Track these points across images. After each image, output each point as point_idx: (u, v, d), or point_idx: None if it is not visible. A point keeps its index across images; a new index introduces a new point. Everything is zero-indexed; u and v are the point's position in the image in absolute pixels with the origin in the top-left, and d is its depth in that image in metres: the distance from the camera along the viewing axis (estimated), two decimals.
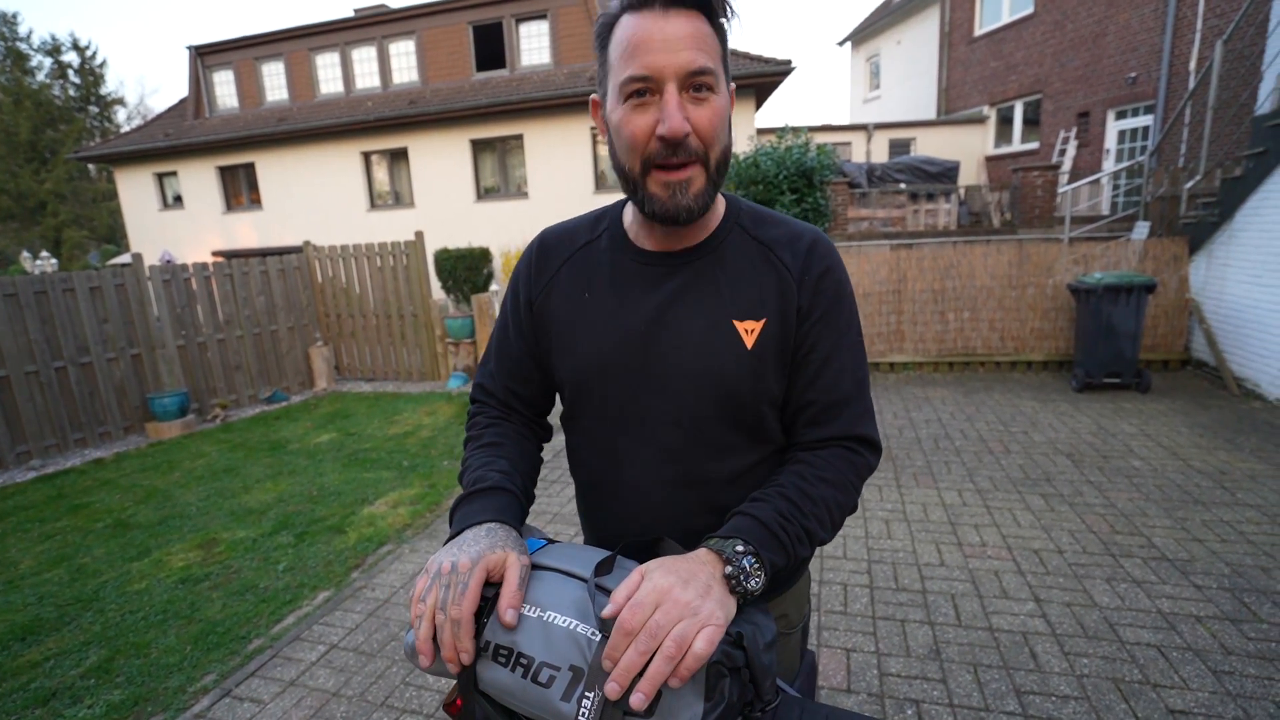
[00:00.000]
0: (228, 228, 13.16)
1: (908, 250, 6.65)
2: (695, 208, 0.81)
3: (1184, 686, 2.08)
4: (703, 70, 0.76)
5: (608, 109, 0.83)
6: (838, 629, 2.51)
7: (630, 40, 0.76)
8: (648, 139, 0.78)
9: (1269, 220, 5.05)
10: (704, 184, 0.81)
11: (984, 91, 13.78)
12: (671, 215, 0.81)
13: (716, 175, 0.82)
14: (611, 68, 0.80)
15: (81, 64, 30.15)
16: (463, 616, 0.69)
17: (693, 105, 0.77)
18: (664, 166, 0.79)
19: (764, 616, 0.73)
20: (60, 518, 4.11)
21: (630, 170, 0.81)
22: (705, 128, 0.78)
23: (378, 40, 12.31)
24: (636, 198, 0.84)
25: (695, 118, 0.77)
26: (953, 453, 4.28)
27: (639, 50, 0.75)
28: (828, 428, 0.88)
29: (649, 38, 0.75)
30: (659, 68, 0.75)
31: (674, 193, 0.80)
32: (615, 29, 0.79)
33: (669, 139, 0.76)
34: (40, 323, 5.30)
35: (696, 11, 0.77)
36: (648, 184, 0.81)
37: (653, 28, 0.75)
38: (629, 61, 0.76)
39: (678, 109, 0.75)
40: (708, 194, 0.82)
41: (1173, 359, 5.98)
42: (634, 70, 0.76)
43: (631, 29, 0.77)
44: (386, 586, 3.02)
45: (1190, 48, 9.34)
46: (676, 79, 0.76)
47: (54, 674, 2.51)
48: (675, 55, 0.75)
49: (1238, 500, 3.35)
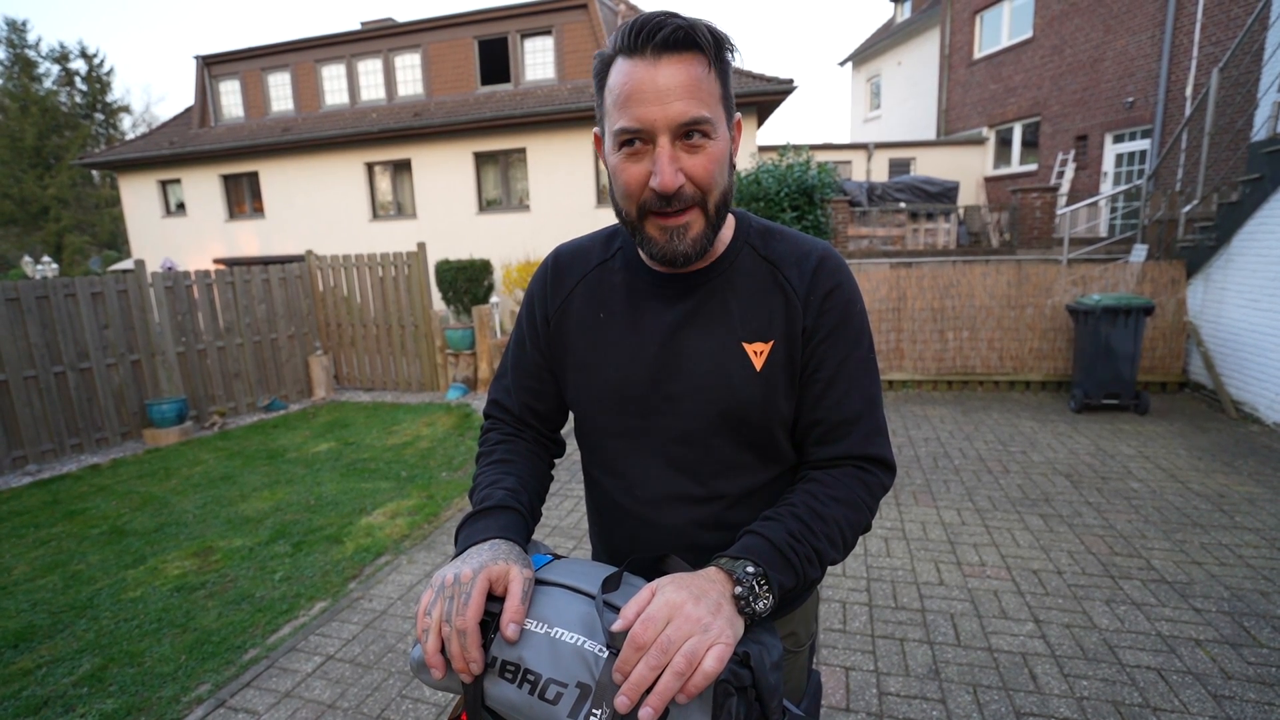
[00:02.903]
0: (230, 236, 13.21)
1: (907, 269, 6.69)
2: (692, 253, 0.81)
3: (1184, 710, 2.07)
4: (697, 120, 0.75)
5: (606, 151, 0.83)
6: (837, 647, 2.49)
7: (622, 90, 0.75)
8: (641, 189, 0.78)
9: (1265, 245, 5.09)
10: (702, 228, 0.81)
11: (983, 113, 13.93)
12: (669, 259, 0.82)
13: (716, 218, 0.81)
14: (607, 113, 0.79)
15: (89, 71, 30.38)
16: (468, 626, 0.69)
17: (687, 155, 0.76)
18: (660, 214, 0.79)
19: (771, 636, 0.73)
20: (55, 524, 4.08)
21: (627, 214, 0.82)
22: (701, 176, 0.77)
23: (383, 53, 12.43)
24: (636, 240, 0.85)
25: (690, 167, 0.77)
26: (952, 471, 4.28)
27: (630, 101, 0.75)
28: (837, 447, 0.89)
29: (640, 88, 0.74)
30: (650, 120, 0.74)
31: (671, 237, 0.80)
32: (611, 71, 0.78)
33: (660, 193, 0.76)
34: (41, 327, 5.30)
35: (691, 54, 0.75)
36: (646, 228, 0.81)
37: (644, 77, 0.74)
38: (621, 112, 0.76)
39: (670, 162, 0.75)
40: (706, 237, 0.82)
41: (1171, 381, 6.00)
42: (625, 122, 0.75)
43: (624, 77, 0.76)
44: (384, 598, 3.01)
45: (1187, 74, 9.47)
46: (669, 131, 0.75)
47: (46, 682, 2.48)
48: (667, 107, 0.74)
49: (1236, 523, 3.36)
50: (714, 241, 0.84)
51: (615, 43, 0.78)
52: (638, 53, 0.75)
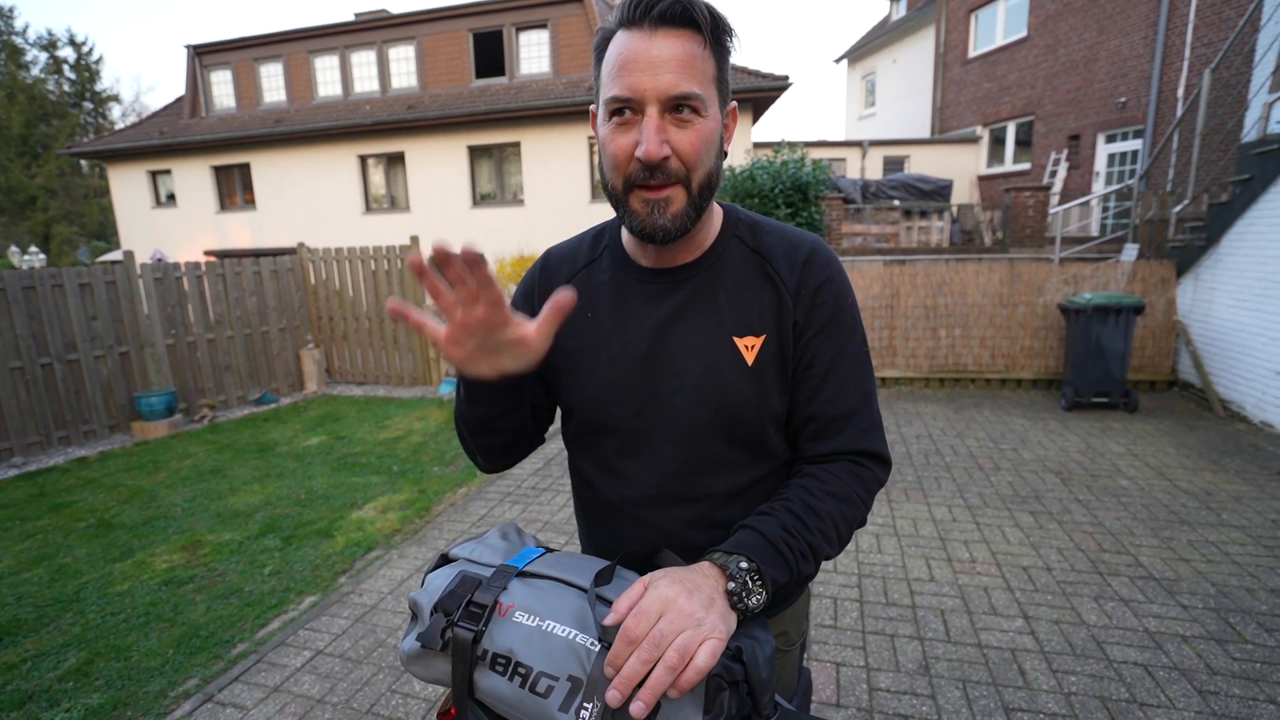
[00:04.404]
0: (221, 227, 13.10)
1: (901, 266, 6.71)
2: (672, 228, 0.80)
3: (1170, 706, 2.09)
4: (687, 95, 0.75)
5: (599, 124, 0.82)
6: (827, 643, 2.50)
7: (618, 59, 0.76)
8: (628, 159, 0.78)
9: (1254, 245, 5.13)
10: (684, 205, 0.80)
11: (977, 112, 13.97)
12: (649, 233, 0.81)
13: (699, 198, 0.81)
14: (602, 84, 0.80)
15: (77, 60, 30.02)
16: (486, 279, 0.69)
17: (675, 128, 0.77)
18: (645, 186, 0.79)
19: (763, 631, 0.73)
20: (41, 516, 4.04)
21: (614, 187, 0.82)
22: (687, 151, 0.77)
23: (377, 45, 12.33)
24: (620, 213, 0.84)
25: (676, 141, 0.77)
26: (943, 468, 4.30)
27: (624, 70, 0.75)
28: (832, 442, 0.88)
29: (634, 58, 0.75)
30: (641, 89, 0.75)
31: (652, 210, 0.79)
32: (610, 44, 0.79)
33: (645, 162, 0.76)
34: (28, 318, 5.23)
35: (688, 30, 0.76)
36: (630, 200, 0.81)
37: (639, 48, 0.75)
38: (614, 80, 0.76)
39: (656, 133, 0.75)
40: (688, 216, 0.81)
41: (1160, 380, 6.05)
42: (616, 90, 0.76)
43: (621, 47, 0.77)
44: (374, 592, 2.99)
45: (1179, 75, 9.52)
46: (658, 101, 0.75)
47: (31, 676, 2.46)
48: (657, 78, 0.74)
49: (1223, 521, 3.39)
50: (696, 223, 0.83)
51: (617, 16, 0.78)
52: (636, 24, 0.76)
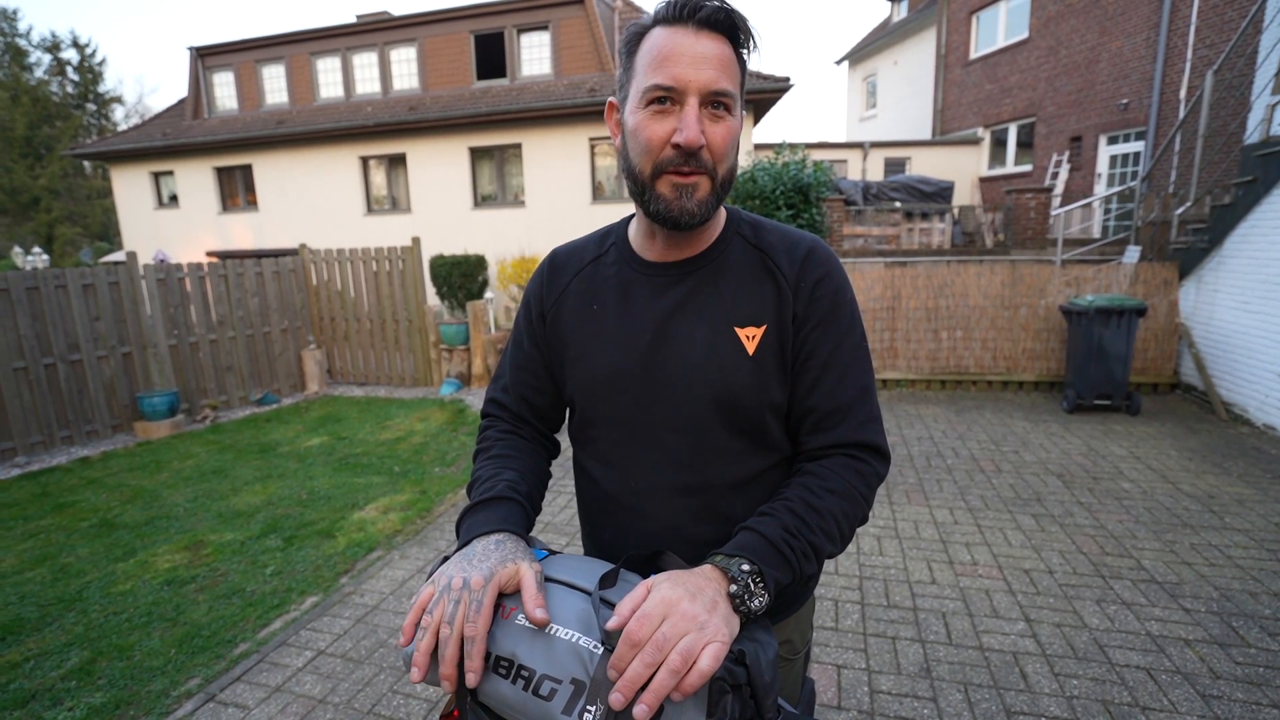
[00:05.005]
0: (223, 228, 13.11)
1: (902, 268, 6.70)
2: (698, 213, 0.84)
3: (1173, 710, 2.09)
4: (724, 92, 0.80)
5: (626, 112, 0.86)
6: (829, 645, 2.50)
7: (660, 50, 0.80)
8: (663, 145, 0.81)
9: (1257, 247, 5.12)
10: (709, 193, 0.83)
11: (979, 113, 13.96)
12: (675, 217, 0.83)
13: (721, 190, 0.85)
14: (636, 74, 0.83)
15: (80, 61, 30.08)
16: (479, 634, 0.70)
17: (710, 122, 0.80)
18: (677, 172, 0.82)
19: (766, 634, 0.73)
20: (44, 516, 4.05)
21: (641, 172, 0.84)
22: (718, 144, 0.81)
23: (379, 46, 12.34)
24: (644, 199, 0.86)
25: (710, 134, 0.80)
26: (944, 471, 4.30)
27: (668, 61, 0.79)
28: (830, 434, 0.89)
29: (679, 52, 0.79)
30: (685, 80, 0.78)
31: (680, 194, 0.82)
32: (645, 39, 0.82)
33: (685, 148, 0.79)
34: (31, 319, 5.25)
35: (725, 37, 0.81)
36: (657, 185, 0.83)
37: (684, 43, 0.79)
38: (656, 70, 0.79)
39: (696, 121, 0.79)
40: (711, 203, 0.84)
41: (1162, 382, 6.03)
42: (660, 79, 0.79)
43: (663, 41, 0.80)
44: (376, 593, 3.00)
45: (1181, 76, 9.51)
46: (699, 94, 0.79)
47: (34, 675, 2.46)
48: (701, 72, 0.78)
49: (1225, 524, 3.38)
50: (715, 213, 0.87)
51: (654, 15, 0.83)
52: (680, 22, 0.80)
